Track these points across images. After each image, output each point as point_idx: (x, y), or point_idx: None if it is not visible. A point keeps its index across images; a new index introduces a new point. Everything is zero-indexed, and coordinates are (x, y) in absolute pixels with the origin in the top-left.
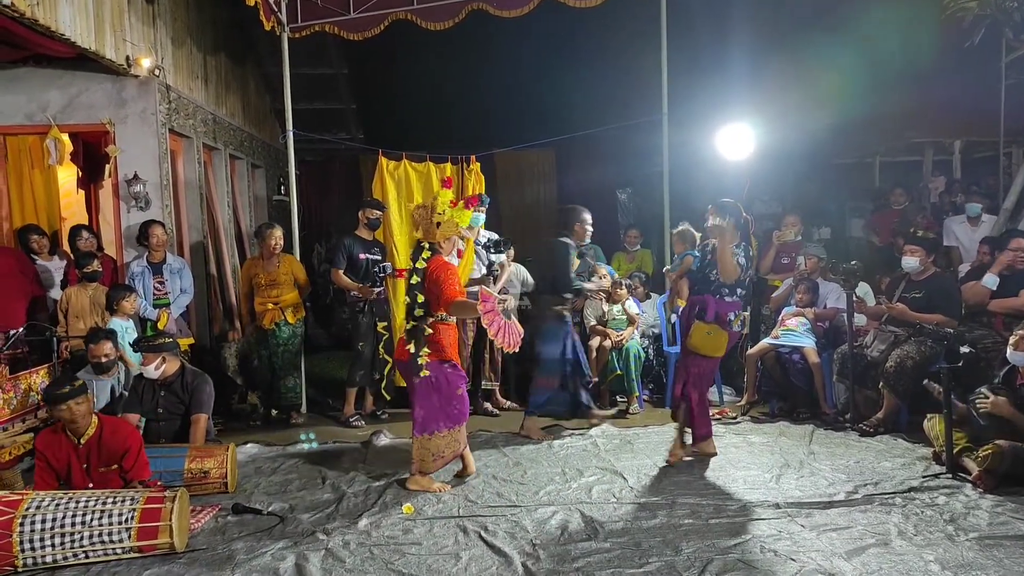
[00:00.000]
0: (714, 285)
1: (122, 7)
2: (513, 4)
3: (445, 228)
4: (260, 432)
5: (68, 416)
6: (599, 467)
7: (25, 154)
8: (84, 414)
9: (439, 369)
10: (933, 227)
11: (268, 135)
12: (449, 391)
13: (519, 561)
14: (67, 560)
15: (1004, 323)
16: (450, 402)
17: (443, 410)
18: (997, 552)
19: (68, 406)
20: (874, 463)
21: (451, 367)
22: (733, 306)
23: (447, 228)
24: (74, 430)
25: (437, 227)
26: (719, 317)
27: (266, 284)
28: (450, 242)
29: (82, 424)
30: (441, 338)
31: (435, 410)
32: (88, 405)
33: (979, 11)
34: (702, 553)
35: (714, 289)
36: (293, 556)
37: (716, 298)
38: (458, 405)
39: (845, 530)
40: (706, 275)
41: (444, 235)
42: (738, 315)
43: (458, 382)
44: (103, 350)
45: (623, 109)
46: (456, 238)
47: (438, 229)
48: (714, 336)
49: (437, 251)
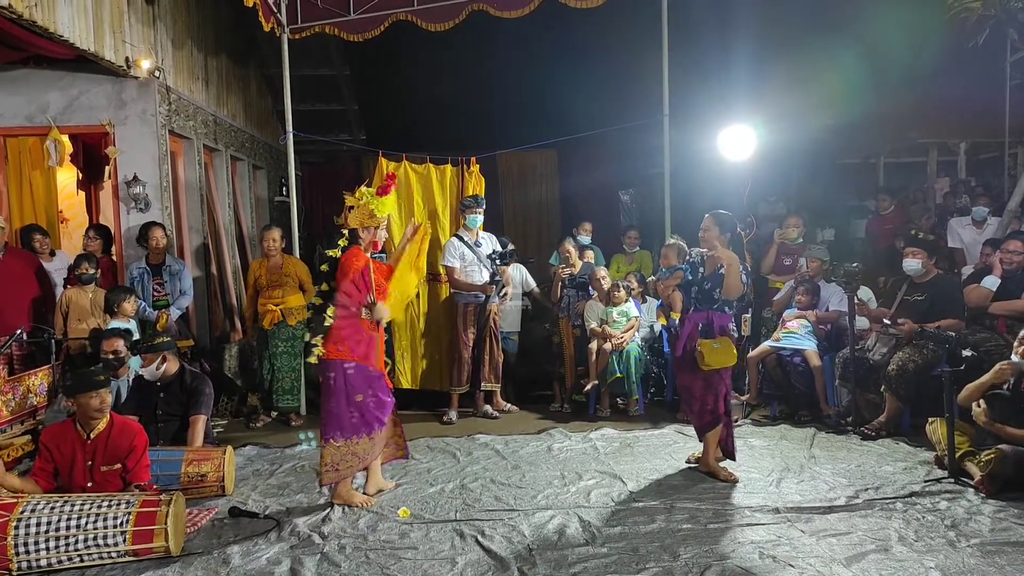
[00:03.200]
0: (717, 303)
1: (121, 8)
2: (514, 5)
3: (357, 214)
4: (259, 434)
5: (97, 405)
6: (598, 470)
7: (25, 155)
8: (107, 407)
9: (338, 368)
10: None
11: (270, 136)
12: (347, 396)
13: (515, 566)
14: (62, 563)
15: (1007, 325)
16: (347, 408)
17: (338, 417)
18: (999, 559)
19: (100, 394)
20: (875, 467)
21: (355, 369)
22: (731, 318)
23: (358, 215)
24: (89, 424)
25: (349, 211)
26: (723, 330)
27: (268, 285)
28: (368, 232)
29: (100, 418)
30: (345, 334)
31: (330, 415)
32: (109, 399)
33: (983, 11)
34: (700, 559)
35: (717, 307)
36: (288, 560)
37: (719, 314)
38: (356, 414)
39: (845, 535)
40: (709, 293)
41: (357, 222)
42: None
43: (359, 387)
44: (114, 345)
45: (625, 110)
46: (375, 229)
47: (350, 214)
48: (723, 348)
49: (356, 240)
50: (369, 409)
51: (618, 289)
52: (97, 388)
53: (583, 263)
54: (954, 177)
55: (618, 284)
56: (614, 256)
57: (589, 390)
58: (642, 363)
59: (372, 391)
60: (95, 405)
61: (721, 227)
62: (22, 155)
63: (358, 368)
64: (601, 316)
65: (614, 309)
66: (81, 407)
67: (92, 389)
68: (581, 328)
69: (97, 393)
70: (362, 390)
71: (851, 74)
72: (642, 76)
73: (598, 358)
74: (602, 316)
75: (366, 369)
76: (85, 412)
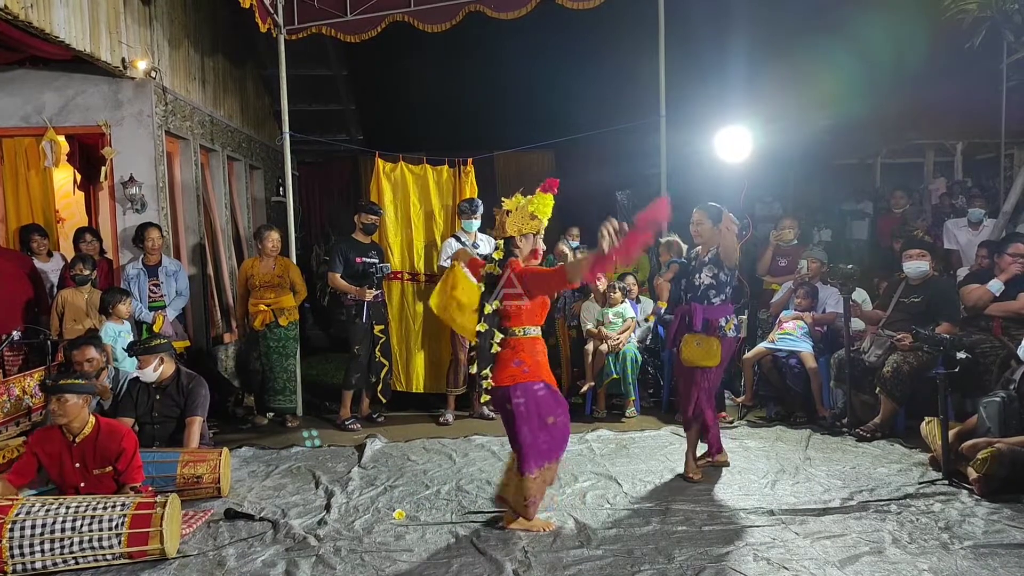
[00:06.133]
0: (700, 290)
1: (118, 9)
2: (511, 6)
3: (515, 219)
4: (255, 435)
5: (56, 408)
6: (594, 472)
7: (21, 156)
8: (76, 414)
9: (527, 392)
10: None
11: (267, 136)
12: (539, 420)
13: (510, 568)
14: (57, 566)
15: (1002, 328)
16: (541, 434)
17: (534, 446)
18: (992, 561)
19: (59, 398)
20: (870, 469)
21: (544, 389)
22: (723, 311)
23: (516, 220)
24: (68, 428)
25: (507, 216)
26: (708, 324)
27: (261, 286)
28: (527, 240)
29: (76, 423)
30: (525, 355)
31: (526, 446)
32: (84, 406)
33: (979, 13)
34: (695, 561)
35: (700, 294)
36: (284, 563)
37: (704, 304)
38: (547, 437)
39: (839, 538)
40: (691, 280)
41: (515, 229)
42: (729, 319)
43: (550, 408)
44: (86, 355)
45: (621, 111)
46: (535, 236)
47: (506, 221)
48: (704, 346)
49: (511, 252)
50: (560, 428)
51: (614, 290)
52: (55, 391)
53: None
54: (950, 178)
55: (614, 285)
56: None
57: (585, 391)
58: (638, 364)
59: (562, 410)
60: (55, 409)
61: (712, 218)
62: (18, 156)
63: (547, 388)
64: (597, 317)
65: (610, 310)
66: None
67: (51, 392)
68: (577, 329)
69: (56, 397)
70: (553, 411)
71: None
72: (639, 77)
73: (594, 359)
74: (598, 317)
75: (554, 389)
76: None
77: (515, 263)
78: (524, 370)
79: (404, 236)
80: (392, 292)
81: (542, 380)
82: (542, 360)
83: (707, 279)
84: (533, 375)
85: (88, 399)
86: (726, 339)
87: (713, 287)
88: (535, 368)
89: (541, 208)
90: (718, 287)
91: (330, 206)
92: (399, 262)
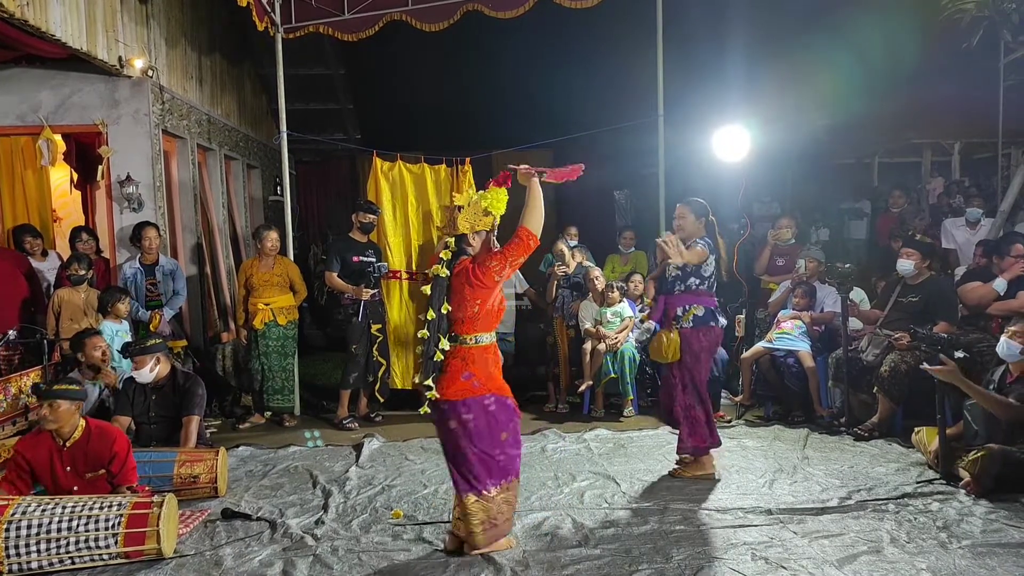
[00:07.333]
0: (668, 281)
1: (114, 7)
2: (508, 5)
3: (467, 216)
4: (253, 435)
5: (48, 414)
6: (592, 471)
7: (17, 155)
8: (67, 419)
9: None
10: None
11: (265, 135)
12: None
13: (508, 568)
14: (53, 566)
15: (1000, 327)
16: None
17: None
18: (990, 560)
19: (52, 403)
20: (868, 468)
21: (495, 402)
22: (682, 300)
23: (469, 216)
24: (58, 432)
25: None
26: (666, 315)
27: (260, 285)
28: (479, 236)
29: (66, 428)
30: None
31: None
32: (76, 412)
33: (977, 12)
34: (692, 560)
35: (668, 286)
36: (281, 562)
37: (667, 295)
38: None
39: (837, 537)
40: (663, 275)
41: (467, 226)
42: (689, 309)
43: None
44: (99, 345)
45: (619, 110)
46: (488, 233)
47: (458, 217)
48: (664, 342)
49: (463, 251)
50: (512, 445)
51: (612, 290)
52: (47, 397)
53: (576, 264)
54: (948, 177)
55: (612, 284)
56: (608, 256)
57: (583, 390)
58: (636, 364)
59: (513, 424)
60: (45, 415)
61: (695, 213)
62: (14, 154)
63: (498, 401)
64: (595, 317)
65: (608, 310)
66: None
67: (42, 398)
68: (576, 328)
69: (46, 403)
70: (505, 426)
71: (845, 74)
72: (637, 76)
73: (592, 358)
74: (596, 317)
75: (505, 400)
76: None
77: (465, 261)
78: (475, 384)
79: (402, 235)
80: (390, 291)
81: (492, 393)
82: (494, 371)
83: (674, 271)
84: (484, 389)
85: (80, 405)
86: (686, 331)
87: (679, 278)
88: (486, 381)
89: (495, 203)
90: (683, 277)
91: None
92: (397, 261)
